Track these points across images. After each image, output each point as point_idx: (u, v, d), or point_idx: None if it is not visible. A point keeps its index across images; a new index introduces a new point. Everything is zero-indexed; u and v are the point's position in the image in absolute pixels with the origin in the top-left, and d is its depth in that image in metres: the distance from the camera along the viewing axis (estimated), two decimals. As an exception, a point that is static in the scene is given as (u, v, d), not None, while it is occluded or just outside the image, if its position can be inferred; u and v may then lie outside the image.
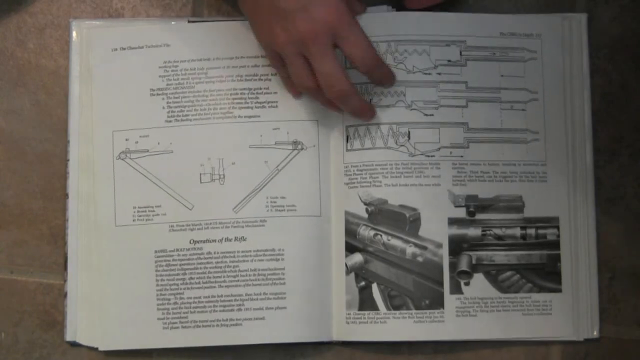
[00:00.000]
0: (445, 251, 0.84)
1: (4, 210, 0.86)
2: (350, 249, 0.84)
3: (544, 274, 0.85)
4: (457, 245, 0.84)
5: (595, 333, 0.85)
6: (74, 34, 0.87)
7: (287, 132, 0.85)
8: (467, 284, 0.84)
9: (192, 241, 0.84)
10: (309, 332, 0.84)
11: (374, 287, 0.84)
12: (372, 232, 0.84)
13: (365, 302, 0.83)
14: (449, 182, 0.84)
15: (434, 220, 0.84)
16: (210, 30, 0.87)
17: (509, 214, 0.84)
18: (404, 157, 0.84)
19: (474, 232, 0.84)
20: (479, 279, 0.84)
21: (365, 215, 0.84)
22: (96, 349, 0.84)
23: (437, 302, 0.83)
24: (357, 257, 0.84)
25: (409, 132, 0.84)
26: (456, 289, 0.84)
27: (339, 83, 0.78)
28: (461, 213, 0.84)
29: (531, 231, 0.84)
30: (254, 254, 0.84)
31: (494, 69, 0.85)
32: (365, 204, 0.84)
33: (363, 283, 0.84)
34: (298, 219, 0.85)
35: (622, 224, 0.87)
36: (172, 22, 0.87)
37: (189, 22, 0.87)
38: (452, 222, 0.84)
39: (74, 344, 0.85)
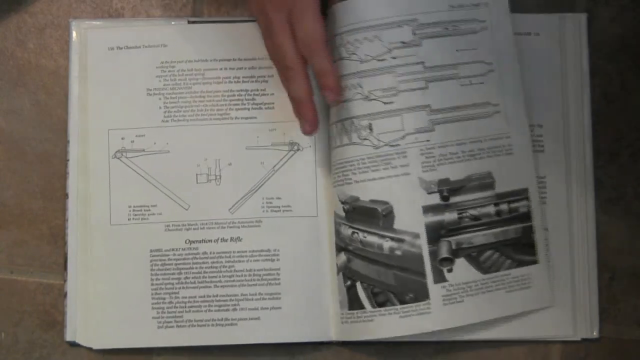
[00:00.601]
0: (423, 240, 0.82)
1: (4, 210, 0.86)
2: (339, 249, 0.84)
3: (521, 247, 0.83)
4: (435, 233, 0.82)
5: (595, 333, 0.85)
6: (74, 34, 0.87)
7: (284, 133, 0.85)
8: (450, 270, 0.82)
9: (187, 241, 0.84)
10: (304, 332, 0.84)
11: (358, 286, 0.83)
12: (350, 231, 0.83)
13: (354, 302, 0.83)
14: (418, 169, 0.82)
15: (408, 211, 0.82)
16: (207, 31, 0.87)
17: (482, 192, 0.82)
18: (368, 150, 0.82)
19: (450, 216, 0.82)
20: (461, 263, 0.82)
21: (344, 214, 0.84)
22: (91, 348, 0.84)
23: (422, 294, 0.81)
24: (342, 257, 0.84)
25: (370, 124, 0.82)
26: (440, 278, 0.82)
27: (284, 58, 0.79)
28: (435, 199, 0.82)
29: (504, 206, 0.83)
30: (249, 254, 0.84)
31: (449, 45, 0.83)
32: (341, 202, 0.83)
33: (349, 282, 0.83)
34: (294, 219, 0.85)
35: (622, 224, 0.87)
36: (172, 22, 0.87)
37: (189, 22, 0.87)
38: (427, 209, 0.82)
39: (74, 344, 0.85)
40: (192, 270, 0.84)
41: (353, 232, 0.83)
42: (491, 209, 0.83)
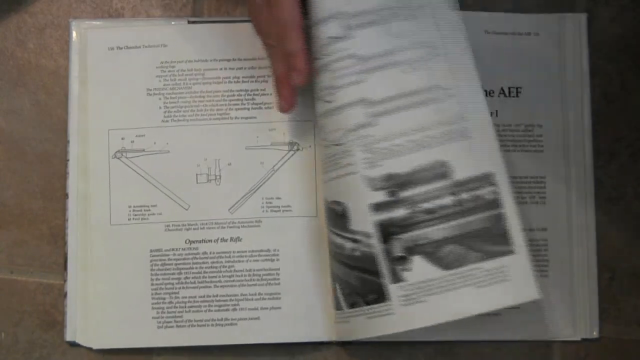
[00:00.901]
0: (375, 240, 0.77)
1: (4, 210, 0.86)
2: (328, 250, 0.84)
3: (491, 237, 0.76)
4: (387, 231, 0.77)
5: (595, 333, 0.85)
6: (74, 34, 0.87)
7: (283, 133, 0.85)
8: (407, 269, 0.77)
9: (187, 241, 0.84)
10: (304, 332, 0.84)
11: (337, 287, 0.82)
12: (327, 232, 0.82)
13: (337, 303, 0.82)
14: (362, 167, 0.77)
15: (359, 210, 0.78)
16: (207, 31, 0.87)
17: (435, 183, 0.77)
18: (322, 151, 0.81)
19: (400, 212, 0.77)
20: (418, 261, 0.77)
21: (325, 215, 0.83)
22: (90, 348, 0.84)
23: (382, 295, 0.77)
24: (327, 258, 0.83)
25: (321, 124, 0.80)
26: (397, 278, 0.77)
27: (265, 37, 0.80)
28: (382, 196, 0.77)
29: (466, 195, 0.77)
30: (249, 254, 0.84)
31: (385, 32, 0.78)
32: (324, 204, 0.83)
33: (333, 283, 0.83)
34: (294, 219, 0.85)
35: (622, 224, 0.86)
36: (172, 22, 0.87)
37: (189, 22, 0.87)
38: (376, 207, 0.77)
39: (74, 344, 0.84)
40: (192, 270, 0.84)
41: (328, 233, 0.82)
42: (448, 200, 0.77)
